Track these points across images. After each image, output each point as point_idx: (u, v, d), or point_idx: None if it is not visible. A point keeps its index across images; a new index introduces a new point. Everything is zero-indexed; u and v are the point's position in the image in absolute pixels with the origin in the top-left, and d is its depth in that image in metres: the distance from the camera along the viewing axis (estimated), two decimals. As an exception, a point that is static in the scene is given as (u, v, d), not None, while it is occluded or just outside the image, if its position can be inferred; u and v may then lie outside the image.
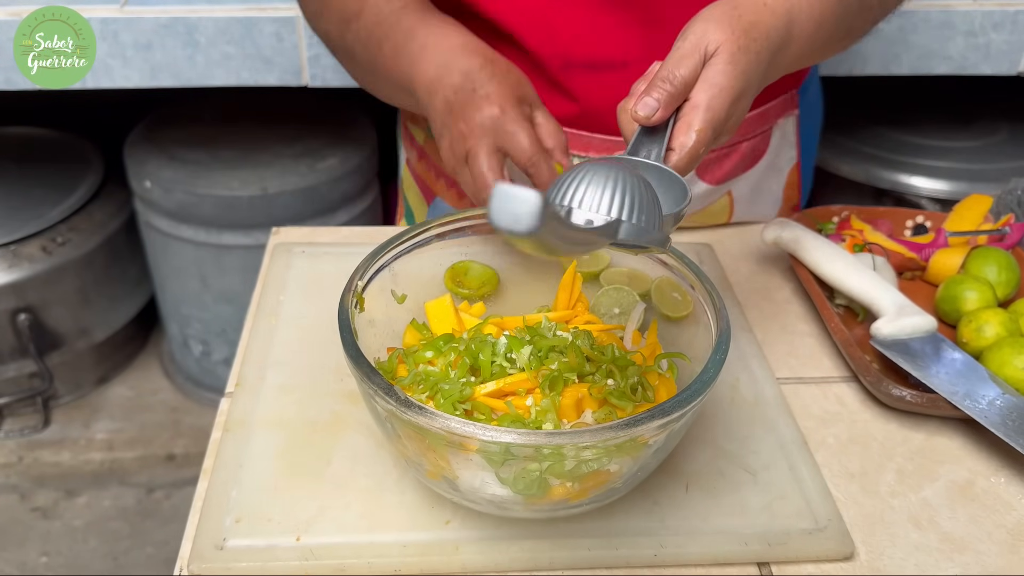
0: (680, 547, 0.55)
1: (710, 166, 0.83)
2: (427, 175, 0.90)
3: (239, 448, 0.61)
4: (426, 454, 0.51)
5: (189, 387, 1.88)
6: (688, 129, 0.52)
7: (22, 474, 1.72)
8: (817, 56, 0.65)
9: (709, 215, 0.88)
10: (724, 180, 0.85)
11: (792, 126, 0.89)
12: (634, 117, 0.53)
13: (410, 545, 0.54)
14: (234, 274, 1.64)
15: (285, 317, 0.73)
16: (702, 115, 0.52)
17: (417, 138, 0.90)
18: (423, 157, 0.90)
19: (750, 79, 0.54)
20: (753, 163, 0.86)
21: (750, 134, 0.84)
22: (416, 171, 0.93)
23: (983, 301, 0.73)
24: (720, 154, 0.82)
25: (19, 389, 1.75)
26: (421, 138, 0.89)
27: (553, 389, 0.55)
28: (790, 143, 0.89)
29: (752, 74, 0.54)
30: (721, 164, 0.84)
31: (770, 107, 0.84)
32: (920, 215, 0.88)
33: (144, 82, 1.28)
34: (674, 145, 0.53)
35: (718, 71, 0.53)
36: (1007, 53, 1.29)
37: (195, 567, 0.53)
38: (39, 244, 1.65)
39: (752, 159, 0.86)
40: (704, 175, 0.83)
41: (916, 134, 1.54)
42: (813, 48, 0.61)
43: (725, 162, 0.84)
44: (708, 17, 0.55)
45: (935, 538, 0.58)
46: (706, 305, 0.58)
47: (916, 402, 0.65)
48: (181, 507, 1.67)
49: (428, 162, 0.89)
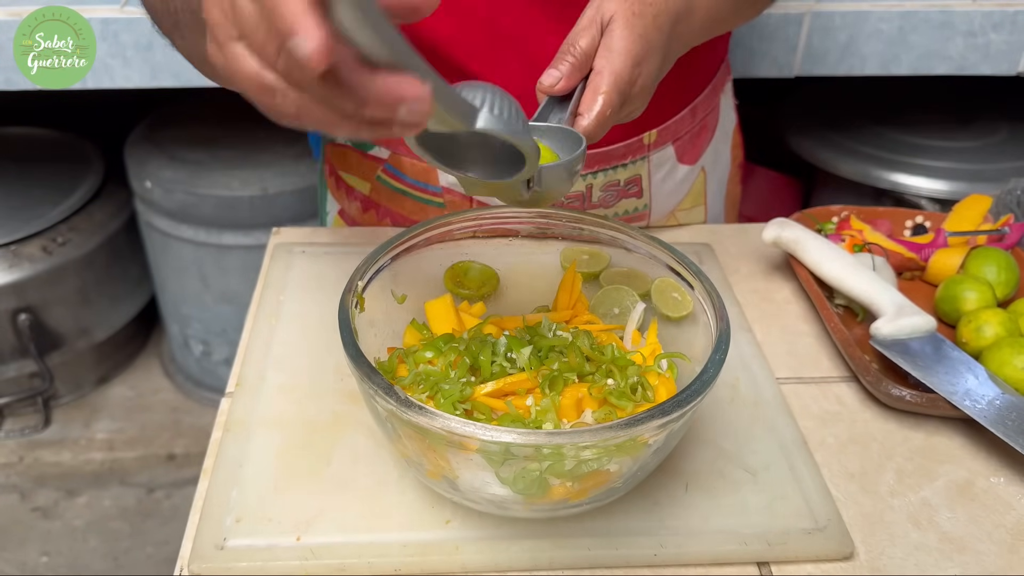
0: (680, 547, 0.55)
1: (686, 148, 0.85)
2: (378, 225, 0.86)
3: (239, 448, 0.61)
4: (426, 454, 0.51)
5: (189, 387, 1.88)
6: (595, 94, 0.55)
7: (22, 474, 1.72)
8: (729, 22, 0.67)
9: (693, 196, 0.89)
10: (698, 158, 0.87)
11: (731, 90, 0.93)
12: (539, 87, 0.56)
13: (410, 545, 0.54)
14: (234, 274, 1.64)
15: (285, 317, 0.74)
16: (606, 79, 0.55)
17: (359, 188, 0.86)
18: (370, 207, 0.86)
19: (651, 43, 0.57)
20: (713, 133, 0.89)
21: (708, 109, 0.86)
22: (357, 222, 0.88)
23: (982, 301, 0.74)
24: (693, 133, 0.84)
25: (19, 389, 1.75)
26: (366, 188, 0.85)
27: (553, 389, 0.55)
28: (731, 106, 0.93)
29: (652, 39, 0.57)
30: (695, 143, 0.85)
31: (716, 81, 0.86)
32: (920, 215, 0.88)
33: (144, 82, 1.28)
34: (582, 111, 0.55)
35: (616, 37, 0.55)
36: (1007, 53, 1.29)
37: (195, 567, 0.53)
38: (39, 244, 1.65)
39: (712, 130, 0.88)
40: (683, 158, 0.85)
41: (916, 134, 1.54)
42: (720, 15, 0.64)
43: (698, 140, 0.86)
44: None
45: (935, 538, 0.58)
46: (706, 305, 0.58)
47: (916, 402, 0.65)
48: (181, 507, 1.67)
49: (380, 211, 0.85)
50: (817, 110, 1.63)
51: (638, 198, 0.83)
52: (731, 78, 0.93)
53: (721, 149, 0.92)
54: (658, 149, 0.81)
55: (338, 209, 0.92)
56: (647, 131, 0.79)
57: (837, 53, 1.30)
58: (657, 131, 0.80)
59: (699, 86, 0.84)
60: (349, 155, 0.85)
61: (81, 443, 1.77)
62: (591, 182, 0.79)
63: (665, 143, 0.81)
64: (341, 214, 0.91)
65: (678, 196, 0.87)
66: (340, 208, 0.91)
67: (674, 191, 0.86)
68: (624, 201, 0.82)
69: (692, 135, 0.85)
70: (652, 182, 0.83)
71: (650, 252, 0.62)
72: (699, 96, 0.83)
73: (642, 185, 0.82)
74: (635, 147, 0.79)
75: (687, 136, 0.84)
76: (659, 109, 0.76)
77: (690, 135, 0.84)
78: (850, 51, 1.30)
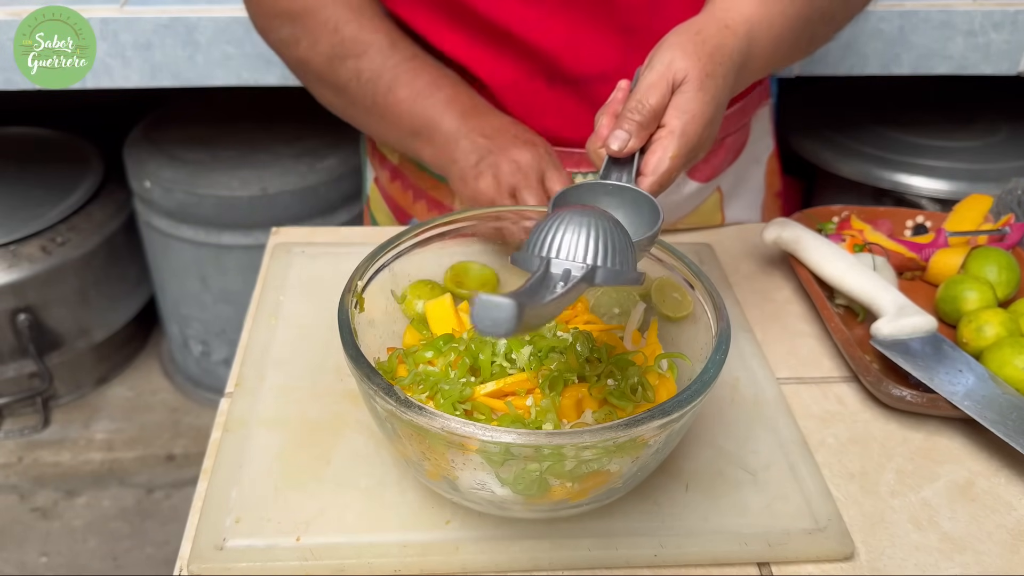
0: (680, 547, 0.55)
1: (699, 164, 0.84)
2: (401, 195, 0.89)
3: (239, 448, 0.61)
4: (426, 454, 0.51)
5: (189, 387, 1.88)
6: (664, 153, 0.54)
7: (22, 474, 1.72)
8: (780, 64, 0.66)
9: (702, 214, 0.88)
10: (712, 176, 0.86)
11: (767, 115, 0.91)
12: (608, 151, 0.54)
13: (410, 545, 0.54)
14: (234, 274, 1.64)
15: (285, 317, 0.73)
16: (677, 140, 0.54)
17: (391, 158, 0.89)
18: (397, 177, 0.89)
19: (719, 103, 0.56)
20: (736, 156, 0.87)
21: (732, 129, 0.85)
22: (387, 191, 0.92)
23: (983, 301, 0.73)
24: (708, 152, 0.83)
25: (19, 389, 1.75)
26: (396, 158, 0.89)
27: (553, 389, 0.55)
28: (767, 131, 0.91)
29: (720, 98, 0.56)
30: (709, 161, 0.85)
31: (747, 101, 0.85)
32: (920, 215, 0.88)
33: (144, 82, 1.28)
34: (646, 170, 0.54)
35: (689, 98, 0.54)
36: (1007, 53, 1.29)
37: (195, 567, 0.53)
38: (39, 244, 1.65)
39: (735, 152, 0.87)
40: (694, 174, 0.84)
41: (916, 134, 1.54)
42: (775, 60, 0.63)
43: (712, 159, 0.85)
44: (673, 44, 0.55)
45: (935, 538, 0.58)
46: (706, 305, 0.58)
47: (916, 402, 0.65)
48: (181, 507, 1.67)
49: (404, 182, 0.88)
50: (818, 110, 1.63)
51: None
52: (769, 102, 0.90)
53: (750, 174, 0.90)
54: None
55: (374, 177, 0.94)
56: None
57: (838, 53, 1.30)
58: None
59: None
60: None
61: (80, 443, 1.77)
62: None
63: None
64: (376, 182, 0.94)
65: (683, 210, 0.86)
66: (375, 176, 0.94)
67: (680, 205, 0.85)
68: None
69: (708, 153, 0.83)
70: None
71: (650, 252, 0.62)
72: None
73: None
74: None
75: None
76: None
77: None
78: (851, 51, 1.30)
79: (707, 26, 0.57)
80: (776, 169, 0.95)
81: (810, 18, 0.63)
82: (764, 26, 0.59)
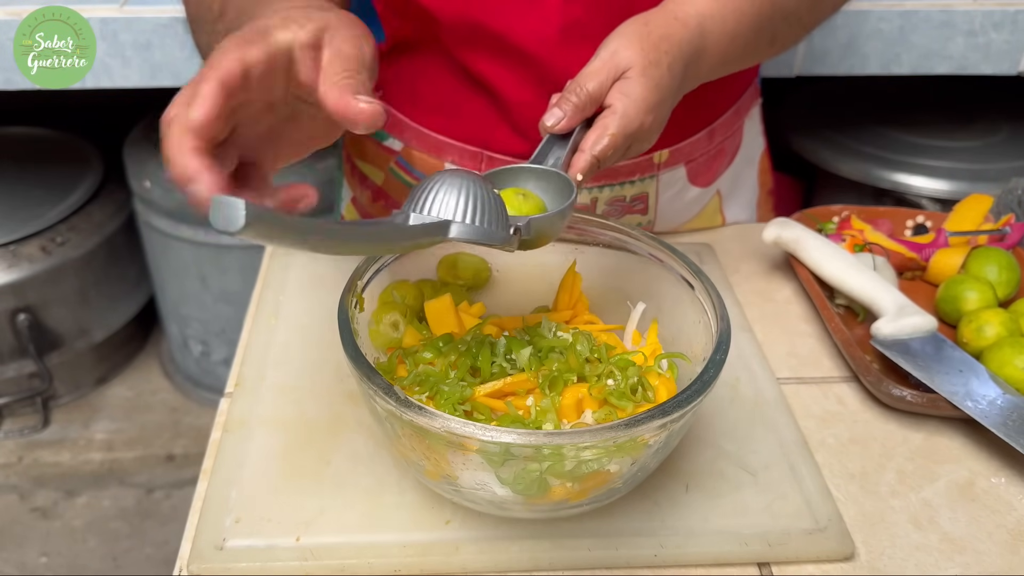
0: (680, 547, 0.55)
1: (700, 170, 0.83)
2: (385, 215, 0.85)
3: (239, 448, 0.61)
4: (426, 454, 0.51)
5: (189, 387, 1.88)
6: (603, 132, 0.55)
7: (22, 474, 1.72)
8: (741, 63, 0.67)
9: (704, 218, 0.88)
10: (712, 181, 0.86)
11: (758, 115, 0.91)
12: (541, 127, 0.56)
13: (410, 545, 0.54)
14: (234, 274, 1.64)
15: (285, 317, 0.73)
16: (619, 120, 0.55)
17: (373, 179, 0.86)
18: (380, 197, 0.86)
19: (663, 91, 0.57)
20: (732, 158, 0.88)
21: (728, 133, 0.85)
22: (368, 212, 0.89)
23: (983, 301, 0.73)
24: (709, 156, 0.83)
25: (19, 389, 1.75)
26: (379, 178, 0.85)
27: (553, 389, 0.55)
28: (758, 131, 0.92)
29: (665, 86, 0.57)
30: (710, 166, 0.84)
31: (740, 104, 0.85)
32: (920, 215, 0.88)
33: (144, 82, 1.28)
34: (584, 147, 0.55)
35: (632, 84, 0.56)
36: (1007, 53, 1.29)
37: (195, 567, 0.53)
38: (39, 244, 1.65)
39: (731, 155, 0.87)
40: (696, 180, 0.84)
41: (916, 134, 1.54)
42: (731, 56, 0.64)
43: (713, 163, 0.85)
44: (620, 34, 0.57)
45: (935, 538, 0.58)
46: (706, 305, 0.57)
47: (916, 402, 0.65)
48: (181, 507, 1.67)
49: (388, 201, 0.85)
50: (818, 110, 1.63)
51: (643, 214, 0.82)
52: (759, 102, 0.91)
53: (745, 174, 0.90)
54: (669, 169, 0.80)
55: (351, 197, 0.92)
56: (658, 151, 0.78)
57: (838, 53, 1.30)
58: (669, 151, 0.79)
59: (719, 109, 0.82)
60: (366, 144, 0.85)
61: (80, 443, 1.77)
62: (596, 195, 0.79)
63: (677, 164, 0.80)
64: (353, 202, 0.92)
65: (686, 215, 0.86)
66: (352, 196, 0.92)
67: (682, 210, 0.85)
68: (628, 216, 0.81)
69: (708, 158, 0.83)
70: (660, 200, 0.82)
71: (651, 252, 0.62)
72: (719, 119, 0.82)
73: (648, 203, 0.81)
74: (644, 165, 0.79)
75: (702, 159, 0.82)
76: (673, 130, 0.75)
77: (705, 158, 0.83)
78: (851, 51, 1.29)
79: (655, 18, 0.58)
80: (768, 167, 0.95)
81: (771, 17, 0.64)
82: (717, 21, 0.61)
